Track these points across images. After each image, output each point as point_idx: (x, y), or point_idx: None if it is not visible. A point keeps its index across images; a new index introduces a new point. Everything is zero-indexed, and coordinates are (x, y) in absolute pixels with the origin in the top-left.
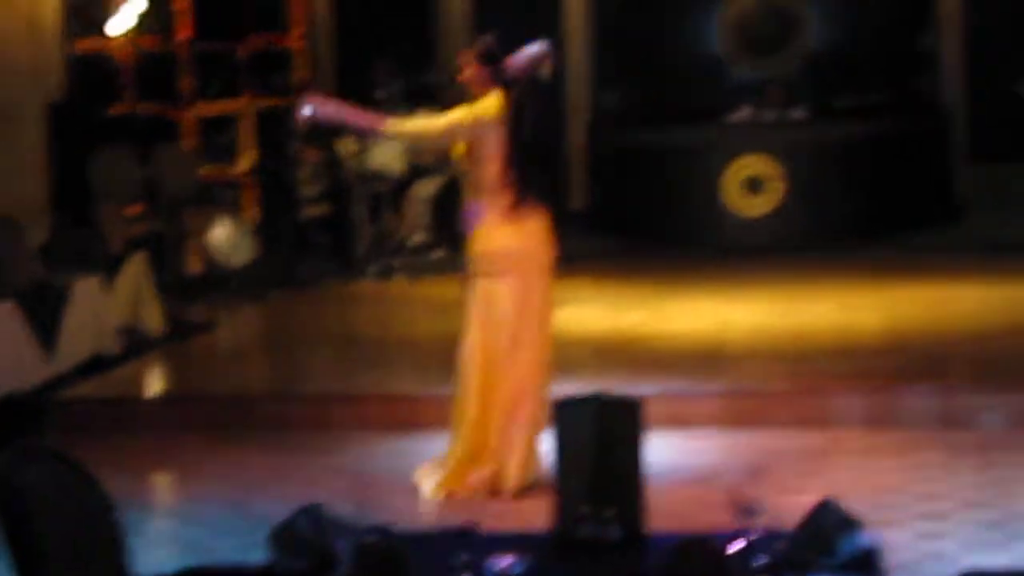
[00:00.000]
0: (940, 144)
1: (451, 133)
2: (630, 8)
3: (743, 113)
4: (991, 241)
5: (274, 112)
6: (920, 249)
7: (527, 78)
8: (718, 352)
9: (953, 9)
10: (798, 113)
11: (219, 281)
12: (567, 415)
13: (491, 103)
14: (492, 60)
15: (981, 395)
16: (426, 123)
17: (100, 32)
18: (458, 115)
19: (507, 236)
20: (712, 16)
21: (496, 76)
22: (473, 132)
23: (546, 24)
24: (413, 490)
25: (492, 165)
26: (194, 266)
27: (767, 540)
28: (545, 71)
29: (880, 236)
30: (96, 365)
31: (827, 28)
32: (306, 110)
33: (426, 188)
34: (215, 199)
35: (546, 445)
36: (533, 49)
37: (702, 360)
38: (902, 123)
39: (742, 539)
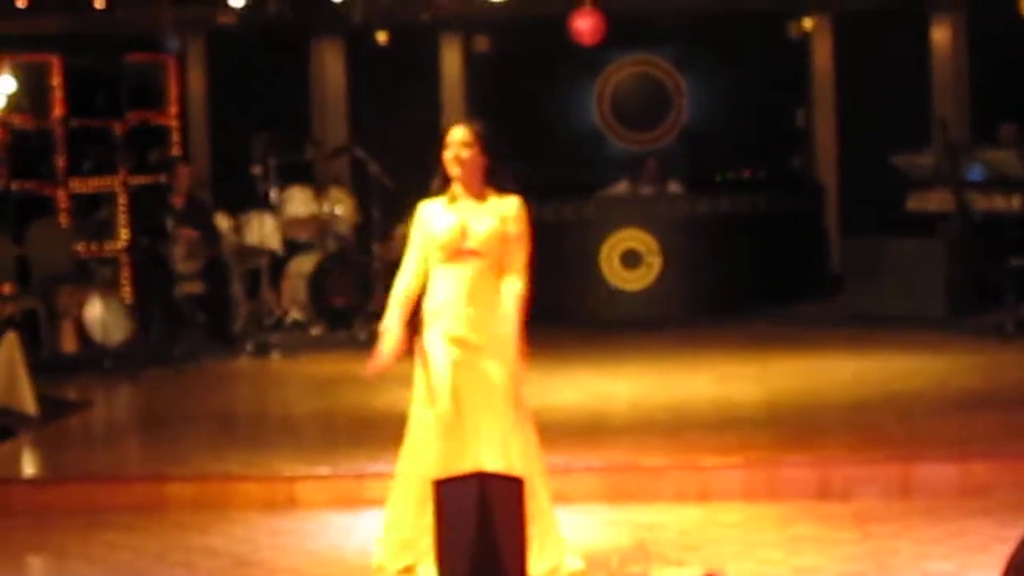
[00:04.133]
0: (814, 218)
1: None
2: (506, 83)
3: (620, 187)
4: (865, 313)
5: (150, 189)
6: (796, 322)
7: None
8: (597, 426)
9: (827, 88)
10: (675, 187)
11: (94, 360)
12: (448, 493)
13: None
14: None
15: (857, 466)
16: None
17: None
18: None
19: None
20: (589, 90)
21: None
22: None
23: (424, 101)
24: (292, 571)
25: None
26: (69, 345)
27: None
28: None
29: (756, 309)
30: None
31: (703, 104)
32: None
33: (303, 264)
34: (90, 277)
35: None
36: None
37: (582, 435)
38: (777, 198)
39: None
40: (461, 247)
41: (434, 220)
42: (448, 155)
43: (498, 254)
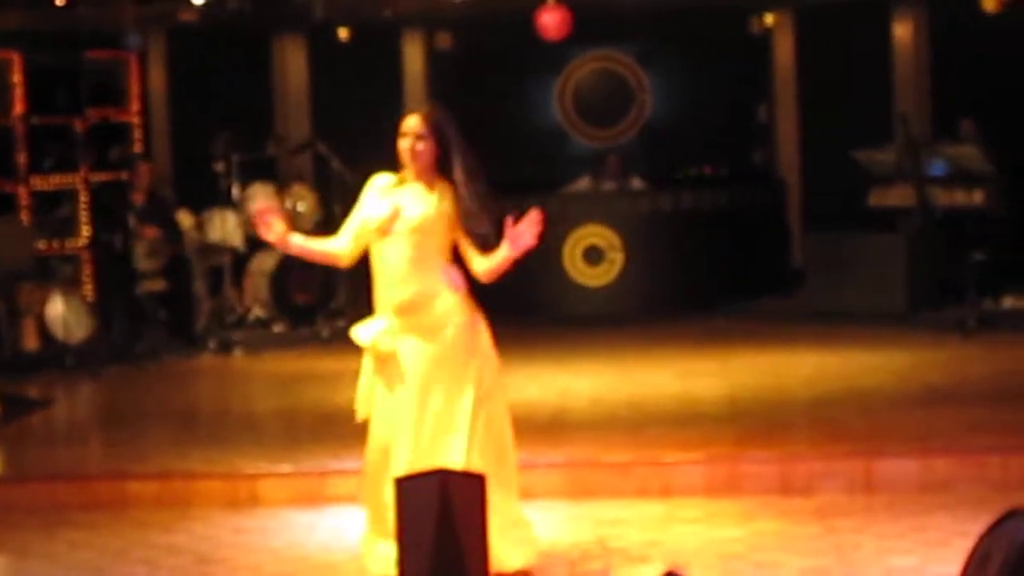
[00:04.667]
0: (776, 214)
1: None
2: (468, 80)
3: (582, 183)
4: (826, 309)
5: (111, 186)
6: (757, 317)
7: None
8: (559, 422)
9: (789, 84)
10: (637, 184)
11: (55, 358)
12: (409, 490)
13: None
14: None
15: (819, 462)
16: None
17: None
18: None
19: None
20: (550, 87)
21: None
22: None
23: (386, 97)
24: (254, 568)
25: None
26: (30, 343)
27: None
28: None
29: (718, 305)
30: None
31: (665, 100)
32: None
33: (266, 261)
34: (51, 274)
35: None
36: None
37: (543, 431)
38: (739, 193)
39: None
40: (392, 228)
41: (371, 204)
42: (403, 145)
43: (433, 234)
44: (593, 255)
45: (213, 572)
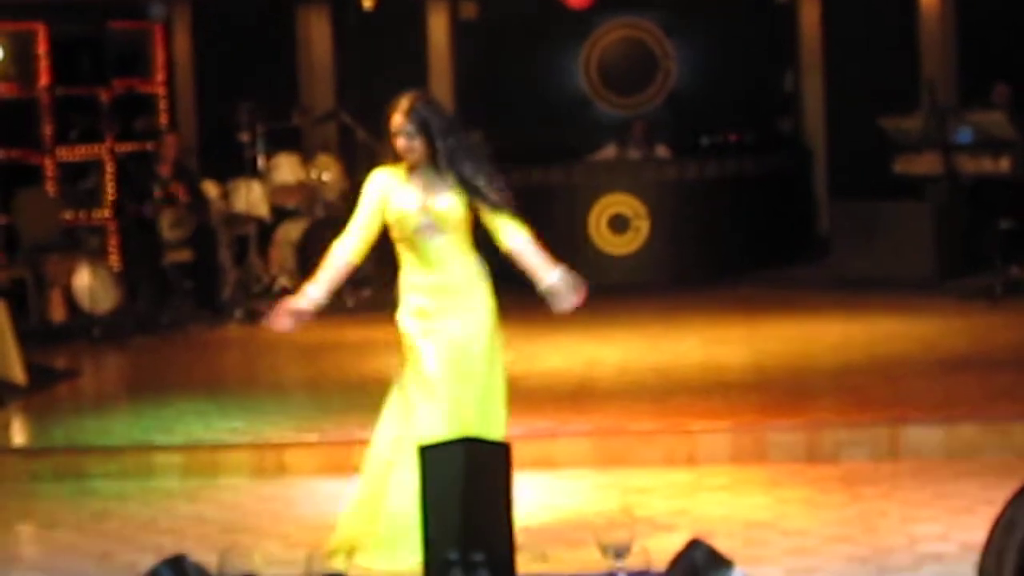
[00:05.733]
0: (802, 182)
1: None
2: (492, 48)
3: (608, 152)
4: (853, 277)
5: (137, 157)
6: (783, 285)
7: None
8: (585, 391)
9: (815, 50)
10: (662, 151)
11: (82, 328)
12: (433, 459)
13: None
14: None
15: (845, 429)
16: None
17: None
18: None
19: None
20: (575, 55)
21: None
22: None
23: (411, 66)
24: (281, 537)
25: None
26: (57, 313)
27: None
28: None
29: (744, 273)
30: None
31: (691, 67)
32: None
33: (291, 231)
34: (78, 245)
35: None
36: None
37: (570, 399)
38: (765, 161)
39: None
40: (421, 225)
41: (393, 196)
42: (397, 144)
43: (462, 227)
44: (618, 223)
45: (240, 541)
